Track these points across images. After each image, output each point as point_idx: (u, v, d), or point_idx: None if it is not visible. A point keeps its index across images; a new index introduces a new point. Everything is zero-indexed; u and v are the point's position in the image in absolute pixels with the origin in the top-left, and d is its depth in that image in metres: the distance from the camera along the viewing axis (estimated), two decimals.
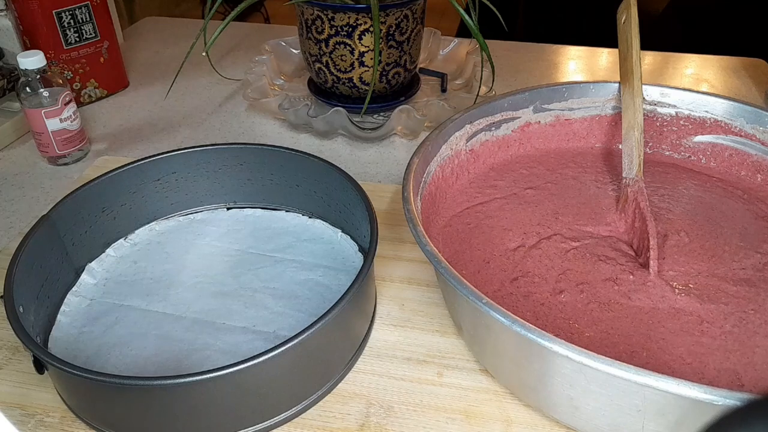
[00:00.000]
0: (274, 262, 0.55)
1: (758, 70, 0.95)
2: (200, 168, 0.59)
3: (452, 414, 0.44)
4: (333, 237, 0.57)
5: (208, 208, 0.61)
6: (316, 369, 0.44)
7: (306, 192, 0.59)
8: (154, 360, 0.46)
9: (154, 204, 0.59)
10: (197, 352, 0.47)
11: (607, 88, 0.61)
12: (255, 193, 0.61)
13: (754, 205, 0.55)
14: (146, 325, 0.49)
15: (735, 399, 0.31)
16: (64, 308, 0.51)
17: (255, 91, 0.80)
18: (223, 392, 0.39)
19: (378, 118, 0.80)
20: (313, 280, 0.53)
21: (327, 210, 0.58)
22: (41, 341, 0.47)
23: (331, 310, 0.41)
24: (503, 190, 0.57)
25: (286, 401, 0.43)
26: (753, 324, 0.43)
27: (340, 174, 0.54)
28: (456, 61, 0.91)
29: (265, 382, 0.41)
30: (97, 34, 0.82)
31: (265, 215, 0.61)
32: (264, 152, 0.58)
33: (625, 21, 0.58)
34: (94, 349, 0.47)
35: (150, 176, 0.57)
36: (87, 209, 0.54)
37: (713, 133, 0.60)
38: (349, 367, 0.47)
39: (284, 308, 0.50)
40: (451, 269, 0.40)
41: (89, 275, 0.54)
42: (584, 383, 0.36)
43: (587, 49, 1.04)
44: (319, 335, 0.41)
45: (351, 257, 0.55)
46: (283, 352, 0.39)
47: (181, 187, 0.59)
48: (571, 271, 0.48)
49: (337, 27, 0.71)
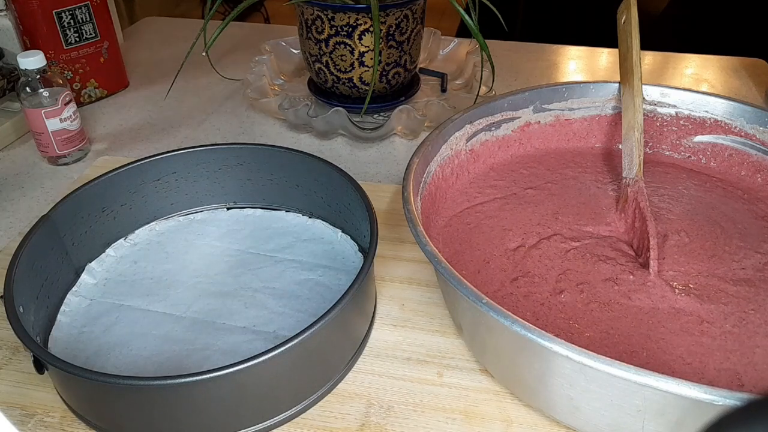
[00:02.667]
0: (274, 262, 0.55)
1: (758, 70, 0.95)
2: (200, 168, 0.59)
3: (452, 414, 0.44)
4: (333, 237, 0.57)
5: (208, 208, 0.61)
6: (316, 369, 0.44)
7: (306, 192, 0.59)
8: (155, 360, 0.46)
9: (154, 204, 0.59)
10: (197, 352, 0.47)
11: (607, 88, 0.61)
12: (255, 193, 0.61)
13: (754, 205, 0.55)
14: (146, 325, 0.49)
15: (735, 399, 0.31)
16: (64, 308, 0.51)
17: (255, 91, 0.80)
18: (223, 392, 0.39)
19: (378, 118, 0.80)
20: (313, 280, 0.53)
21: (327, 210, 0.58)
22: (41, 341, 0.47)
23: (332, 310, 0.41)
24: (503, 190, 0.57)
25: (287, 401, 0.43)
26: (753, 324, 0.43)
27: (340, 174, 0.54)
28: (456, 61, 0.91)
29: (265, 382, 0.41)
30: (97, 34, 0.82)
31: (265, 215, 0.61)
32: (264, 152, 0.58)
33: (625, 21, 0.58)
34: (94, 349, 0.47)
35: (150, 176, 0.57)
36: (87, 209, 0.54)
37: (713, 133, 0.60)
38: (350, 367, 0.47)
39: (284, 308, 0.50)
40: (451, 269, 0.40)
41: (89, 275, 0.54)
42: (584, 383, 0.36)
43: (587, 49, 1.04)
44: (320, 335, 0.41)
45: (351, 257, 0.55)
46: (283, 352, 0.39)
47: (181, 187, 0.59)
48: (571, 271, 0.48)
49: (337, 27, 0.71)
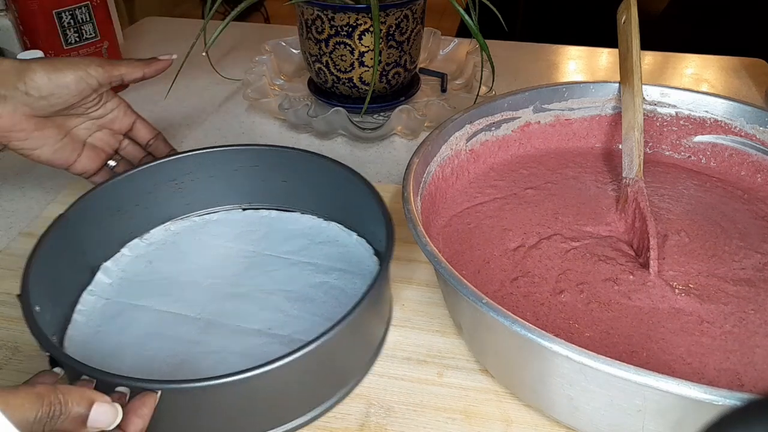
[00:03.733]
0: (288, 265, 0.55)
1: (758, 70, 0.95)
2: (216, 169, 0.59)
3: (452, 414, 0.44)
4: (348, 240, 0.57)
5: (223, 208, 0.61)
6: (334, 373, 0.44)
7: (321, 194, 0.58)
8: (169, 362, 0.46)
9: (169, 204, 0.58)
10: (212, 355, 0.46)
11: (607, 88, 0.61)
12: (270, 194, 0.61)
13: (754, 205, 0.55)
14: (161, 325, 0.49)
15: (735, 399, 0.31)
16: (80, 307, 0.50)
17: (255, 91, 0.80)
18: (239, 397, 0.39)
19: (378, 118, 0.80)
20: (328, 283, 0.53)
21: (342, 213, 0.58)
22: (57, 340, 0.47)
23: (350, 313, 0.41)
24: (503, 190, 0.57)
25: (304, 406, 0.43)
26: (753, 324, 0.43)
27: (356, 177, 0.54)
28: (456, 61, 0.91)
29: (282, 387, 0.40)
30: (97, 34, 0.82)
31: (280, 217, 0.60)
32: (280, 154, 0.58)
33: (625, 21, 0.58)
34: (109, 349, 0.47)
35: (165, 177, 0.57)
36: (103, 209, 0.54)
37: (713, 133, 0.60)
38: (366, 371, 0.47)
39: (299, 311, 0.50)
40: (451, 269, 0.40)
41: (104, 274, 0.54)
42: (584, 383, 0.36)
43: (587, 49, 1.04)
44: (338, 339, 0.40)
45: (366, 261, 0.55)
46: (301, 356, 0.38)
47: (197, 187, 0.59)
48: (571, 271, 0.48)
49: (337, 27, 0.71)
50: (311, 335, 0.39)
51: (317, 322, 0.49)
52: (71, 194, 0.66)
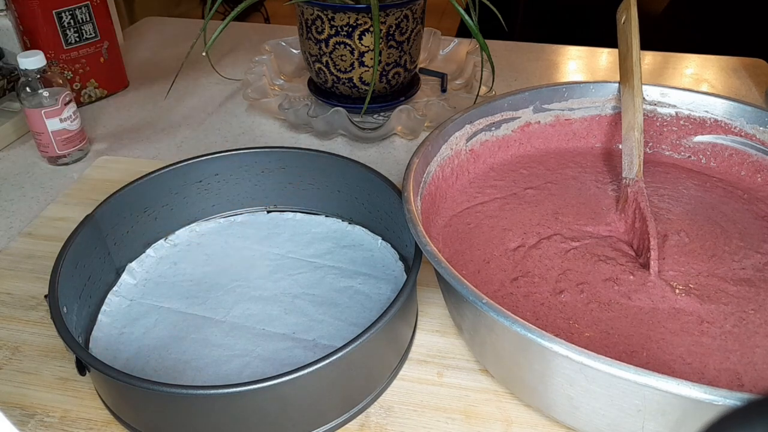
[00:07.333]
0: (313, 268, 0.54)
1: (758, 70, 0.95)
2: (242, 170, 0.59)
3: (452, 414, 0.44)
4: (373, 244, 0.57)
5: (248, 210, 0.61)
6: (362, 380, 0.43)
7: (347, 198, 0.58)
8: (194, 365, 0.46)
9: (195, 205, 0.58)
10: (237, 358, 0.46)
11: (607, 88, 0.61)
12: (295, 197, 0.60)
13: (754, 205, 0.55)
14: (185, 328, 0.49)
15: (735, 399, 0.31)
16: (105, 308, 0.51)
17: (255, 91, 0.80)
18: (265, 403, 0.39)
19: (378, 118, 0.80)
20: (353, 288, 0.52)
21: (367, 217, 0.58)
22: (82, 341, 0.47)
23: (380, 320, 0.40)
24: (503, 190, 0.57)
25: (332, 412, 0.42)
26: (753, 324, 0.43)
27: (382, 180, 0.53)
28: (456, 61, 0.91)
29: (309, 394, 0.40)
30: (97, 34, 0.82)
31: (305, 220, 0.60)
32: (306, 157, 0.58)
33: (625, 21, 0.58)
34: (133, 351, 0.47)
35: (192, 177, 0.57)
36: (129, 209, 0.54)
37: (713, 133, 0.60)
38: (393, 377, 0.46)
39: (324, 316, 0.50)
40: (451, 269, 0.40)
41: (129, 275, 0.54)
42: (584, 383, 0.36)
43: (587, 49, 1.04)
44: (367, 346, 0.40)
45: (391, 266, 0.54)
46: (330, 363, 0.38)
47: (223, 189, 0.59)
48: (571, 271, 0.48)
49: (337, 27, 0.71)
50: (336, 340, 0.39)
51: (342, 327, 0.48)
52: (71, 194, 0.66)
